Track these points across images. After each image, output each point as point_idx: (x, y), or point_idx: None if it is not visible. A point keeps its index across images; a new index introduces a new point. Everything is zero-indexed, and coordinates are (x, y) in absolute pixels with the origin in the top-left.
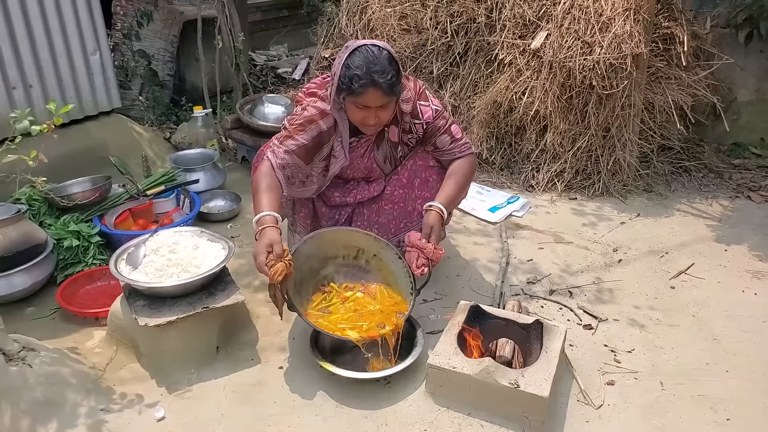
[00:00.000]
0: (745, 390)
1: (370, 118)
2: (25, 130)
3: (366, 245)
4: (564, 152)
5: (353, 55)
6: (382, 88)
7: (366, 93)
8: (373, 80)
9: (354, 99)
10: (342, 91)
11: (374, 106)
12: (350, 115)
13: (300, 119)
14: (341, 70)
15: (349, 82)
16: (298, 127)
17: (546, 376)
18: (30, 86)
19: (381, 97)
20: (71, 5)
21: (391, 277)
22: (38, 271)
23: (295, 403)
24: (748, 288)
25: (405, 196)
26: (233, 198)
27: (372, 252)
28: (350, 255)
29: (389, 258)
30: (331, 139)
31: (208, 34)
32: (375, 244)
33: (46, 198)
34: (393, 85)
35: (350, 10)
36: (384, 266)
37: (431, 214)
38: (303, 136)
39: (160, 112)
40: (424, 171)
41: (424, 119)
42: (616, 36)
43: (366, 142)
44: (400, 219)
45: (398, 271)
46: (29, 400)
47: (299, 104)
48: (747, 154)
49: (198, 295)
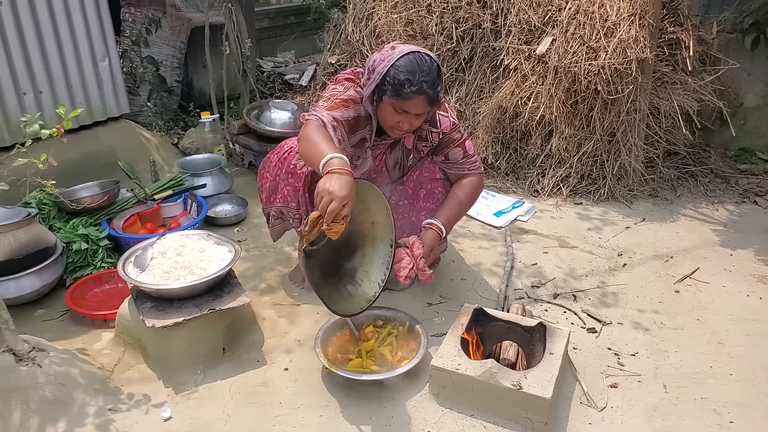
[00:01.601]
0: (748, 393)
1: (405, 123)
2: (36, 134)
3: (375, 209)
4: (569, 157)
5: (404, 58)
6: (429, 97)
7: (412, 99)
8: (423, 89)
9: (396, 102)
10: (385, 92)
11: (414, 113)
12: (384, 116)
13: (344, 95)
14: (389, 70)
15: (399, 86)
16: (341, 102)
17: (549, 378)
18: (40, 92)
19: (424, 107)
20: (81, 12)
21: (371, 253)
22: (48, 273)
23: (299, 404)
24: (754, 292)
25: (410, 207)
26: (240, 202)
27: (371, 220)
28: (358, 209)
29: (382, 235)
30: (363, 130)
31: (216, 40)
32: (384, 217)
33: (56, 202)
34: (438, 98)
35: (356, 16)
36: (372, 238)
37: (430, 233)
38: (348, 113)
39: (168, 118)
40: (429, 183)
41: (441, 129)
42: (621, 41)
43: (383, 145)
44: (404, 229)
45: (379, 256)
46: (39, 400)
47: (340, 84)
48: (754, 160)
49: (204, 297)
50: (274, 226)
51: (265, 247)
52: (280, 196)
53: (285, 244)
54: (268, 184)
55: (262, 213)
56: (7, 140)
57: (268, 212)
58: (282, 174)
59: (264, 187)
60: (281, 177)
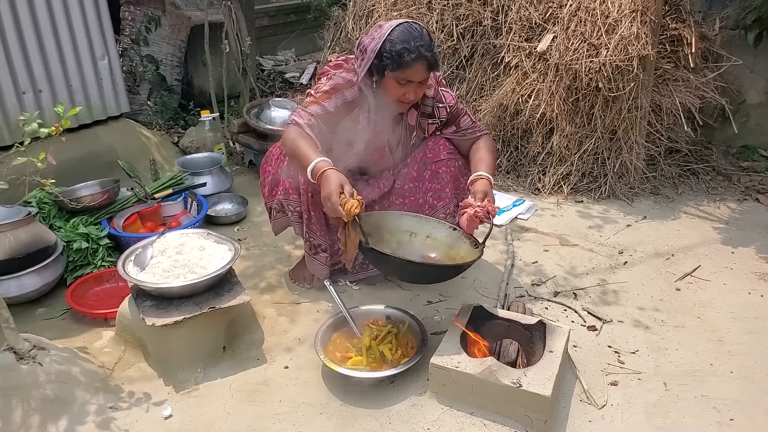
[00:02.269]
0: (749, 391)
1: (410, 93)
2: (34, 132)
3: (416, 227)
4: (570, 155)
5: (396, 30)
6: (428, 61)
7: (413, 66)
8: (421, 54)
9: (398, 73)
10: (385, 67)
11: (417, 80)
12: (389, 91)
13: (326, 86)
14: (383, 45)
15: (398, 56)
16: (323, 94)
17: (549, 375)
18: (40, 91)
19: (425, 72)
20: (80, 11)
21: (451, 251)
22: (48, 272)
23: (300, 402)
24: (755, 290)
25: (416, 189)
26: (240, 201)
27: (424, 234)
28: (404, 240)
29: (443, 234)
30: (355, 112)
31: (216, 39)
32: (425, 224)
33: (56, 201)
34: (437, 61)
35: (356, 14)
36: (440, 243)
37: (482, 181)
38: (329, 103)
39: (168, 117)
40: (433, 164)
41: (447, 103)
42: (622, 38)
43: (384, 121)
44: (412, 211)
45: (456, 242)
46: (40, 398)
47: (324, 75)
48: (756, 157)
49: (204, 295)
50: (276, 220)
51: (266, 246)
52: (281, 189)
53: (285, 243)
54: (270, 177)
55: (263, 211)
56: (6, 139)
57: (270, 206)
58: (284, 166)
59: (266, 180)
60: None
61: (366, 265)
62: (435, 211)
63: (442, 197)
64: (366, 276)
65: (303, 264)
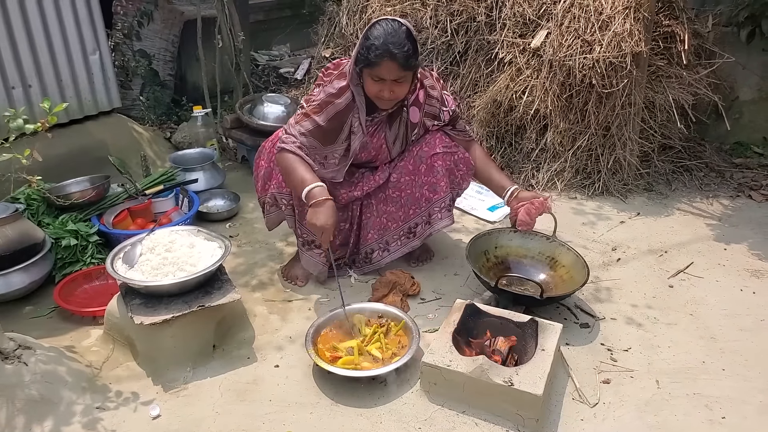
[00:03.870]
0: (740, 388)
1: (385, 91)
2: (20, 129)
3: (545, 250)
4: (564, 151)
5: (373, 27)
6: (397, 60)
7: (381, 64)
8: (389, 51)
9: (370, 71)
10: (359, 63)
11: (389, 78)
12: (367, 88)
13: (317, 100)
14: (361, 41)
15: (366, 53)
16: (315, 108)
17: (540, 374)
18: (29, 86)
19: (396, 70)
20: (70, 5)
21: (567, 261)
22: (36, 270)
23: (290, 402)
24: (747, 287)
25: (412, 182)
26: (232, 197)
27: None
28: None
29: (564, 254)
30: (348, 117)
31: (209, 33)
32: (552, 248)
33: (45, 197)
34: (409, 58)
35: (350, 9)
36: (562, 262)
37: (520, 191)
38: (320, 117)
39: (160, 112)
40: (429, 158)
41: (450, 107)
42: (616, 34)
43: (379, 121)
44: (409, 206)
45: (573, 260)
46: (25, 398)
47: (319, 84)
48: (749, 153)
49: (194, 293)
50: (270, 215)
51: (257, 243)
52: (274, 182)
53: (277, 240)
54: (263, 171)
55: (255, 208)
56: None
57: (264, 200)
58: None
59: (259, 175)
60: (275, 163)
61: (369, 259)
62: (431, 204)
63: (438, 190)
64: (370, 269)
65: (295, 261)
